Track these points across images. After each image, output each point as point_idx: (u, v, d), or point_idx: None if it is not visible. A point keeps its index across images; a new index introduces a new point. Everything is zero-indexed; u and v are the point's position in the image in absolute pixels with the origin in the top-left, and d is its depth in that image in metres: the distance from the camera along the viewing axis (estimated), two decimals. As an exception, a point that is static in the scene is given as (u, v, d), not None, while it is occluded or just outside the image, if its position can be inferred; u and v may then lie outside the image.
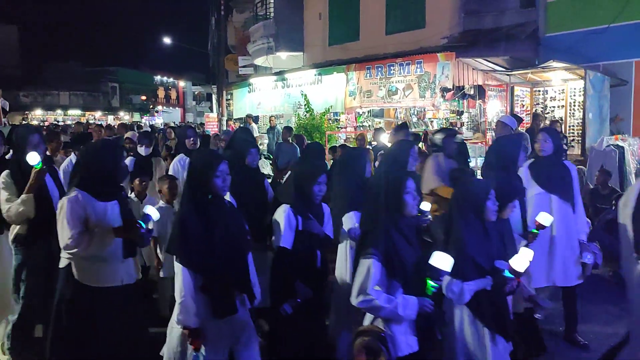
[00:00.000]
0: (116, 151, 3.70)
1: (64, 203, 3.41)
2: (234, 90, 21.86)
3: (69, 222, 3.35)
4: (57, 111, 46.99)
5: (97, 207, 3.47)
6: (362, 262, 3.01)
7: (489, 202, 3.27)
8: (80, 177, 3.54)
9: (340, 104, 14.97)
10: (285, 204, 3.83)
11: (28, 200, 3.92)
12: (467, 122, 13.28)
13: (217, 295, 3.12)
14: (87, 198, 3.44)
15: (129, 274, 3.69)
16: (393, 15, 15.15)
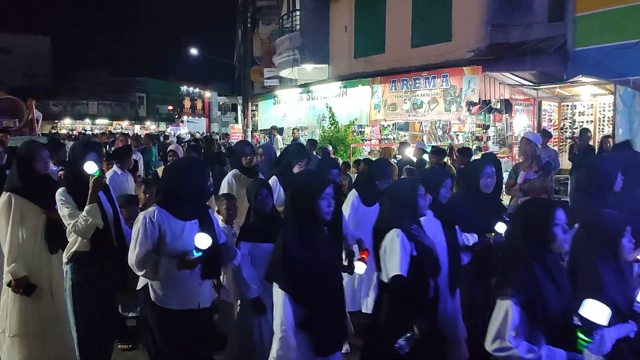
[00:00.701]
0: (203, 169, 3.59)
1: (140, 219, 3.34)
2: (259, 102, 22.01)
3: (140, 239, 3.27)
4: (85, 120, 47.87)
5: (174, 226, 3.34)
6: (500, 303, 2.61)
7: (625, 239, 2.83)
8: (163, 194, 3.47)
9: (365, 116, 14.96)
10: (395, 228, 3.40)
11: (93, 210, 3.80)
12: (494, 136, 13.15)
13: (320, 330, 2.92)
14: (165, 216, 3.33)
15: (206, 296, 3.58)
16: (419, 28, 15.12)
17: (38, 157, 4.18)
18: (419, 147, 10.44)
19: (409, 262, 3.32)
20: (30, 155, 4.18)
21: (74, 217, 3.80)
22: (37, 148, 4.28)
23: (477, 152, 12.33)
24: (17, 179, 4.15)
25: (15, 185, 4.12)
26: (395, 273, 3.26)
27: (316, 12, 18.40)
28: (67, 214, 3.82)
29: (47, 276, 4.16)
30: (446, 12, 14.23)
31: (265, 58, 25.74)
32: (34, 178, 4.15)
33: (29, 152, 4.22)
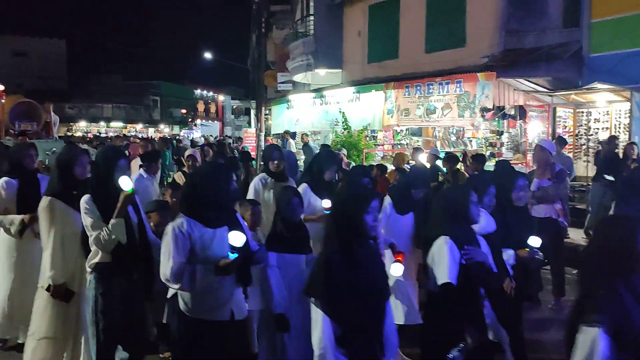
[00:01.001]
0: (228, 174, 3.50)
1: (169, 231, 3.24)
2: (273, 106, 22.08)
3: (172, 252, 3.17)
4: (100, 123, 48.32)
5: (204, 234, 3.25)
6: (585, 330, 2.27)
7: None
8: (188, 202, 3.37)
9: (378, 121, 14.96)
10: (443, 236, 3.27)
11: (119, 226, 3.69)
12: (507, 142, 13.08)
13: (359, 349, 2.82)
14: (194, 225, 3.24)
15: (240, 307, 3.45)
16: (433, 33, 15.08)
17: (78, 162, 4.19)
18: (432, 154, 10.41)
19: (458, 270, 3.20)
20: (71, 160, 4.19)
21: (96, 229, 3.71)
22: (78, 153, 4.31)
23: (491, 158, 12.29)
24: (57, 184, 4.15)
25: (56, 190, 4.13)
26: (444, 281, 3.16)
27: (330, 17, 18.43)
28: (90, 224, 3.74)
29: (78, 281, 4.16)
30: (460, 17, 14.18)
31: (278, 62, 25.80)
32: (74, 183, 4.15)
33: (69, 157, 4.24)
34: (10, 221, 4.61)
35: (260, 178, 5.89)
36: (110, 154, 4.16)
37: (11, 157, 4.96)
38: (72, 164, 4.17)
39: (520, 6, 13.03)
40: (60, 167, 4.22)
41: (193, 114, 52.68)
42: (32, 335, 4.17)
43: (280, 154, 5.99)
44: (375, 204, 2.90)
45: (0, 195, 4.71)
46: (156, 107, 52.93)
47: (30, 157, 4.92)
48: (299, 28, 20.74)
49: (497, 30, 13.21)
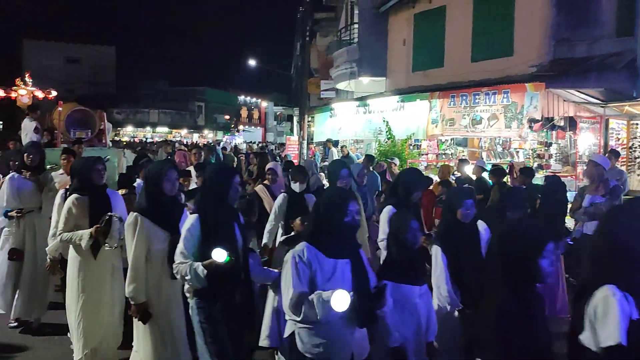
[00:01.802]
0: (355, 200, 3.22)
1: (289, 258, 3.08)
2: (316, 114, 22.15)
3: (292, 281, 3.00)
4: (146, 128, 49.43)
5: (325, 265, 3.04)
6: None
7: None
8: (312, 228, 3.19)
9: (422, 131, 14.80)
10: (608, 284, 2.52)
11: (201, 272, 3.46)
12: (556, 153, 12.73)
13: None
14: (315, 254, 3.05)
15: (362, 348, 3.23)
16: (479, 42, 14.83)
17: (166, 178, 4.07)
18: (479, 165, 10.22)
19: (629, 328, 2.50)
20: (159, 176, 4.08)
21: (182, 259, 3.54)
22: (166, 168, 4.15)
23: (539, 170, 12.01)
24: (145, 200, 4.08)
25: (143, 206, 4.06)
26: (612, 343, 2.47)
27: (374, 25, 18.37)
28: (180, 250, 3.57)
29: (165, 301, 4.04)
30: (508, 26, 13.90)
31: (322, 70, 25.90)
32: (161, 199, 4.07)
33: (157, 172, 4.12)
34: (80, 236, 4.56)
35: None
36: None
37: (78, 172, 4.86)
38: (160, 179, 4.06)
39: (571, 14, 12.69)
40: (148, 183, 4.16)
41: (236, 120, 53.36)
42: (137, 352, 4.15)
43: (348, 172, 5.71)
44: (550, 247, 2.52)
45: (70, 212, 4.65)
46: (201, 112, 53.82)
47: (97, 172, 4.81)
48: (343, 36, 20.75)
49: (546, 39, 12.88)
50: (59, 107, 10.70)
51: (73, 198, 4.68)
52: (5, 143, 17.20)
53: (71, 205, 4.65)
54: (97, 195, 4.77)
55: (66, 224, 4.63)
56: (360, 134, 17.90)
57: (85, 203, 4.68)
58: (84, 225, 4.61)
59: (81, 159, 5.40)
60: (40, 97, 24.85)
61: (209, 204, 3.65)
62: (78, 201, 4.67)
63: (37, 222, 6.04)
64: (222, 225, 3.60)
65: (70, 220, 4.63)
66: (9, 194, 5.90)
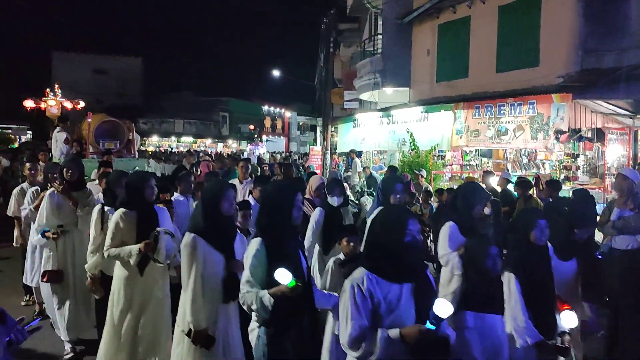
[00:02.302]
0: (415, 219, 2.93)
1: (347, 288, 2.81)
2: (339, 125, 22.15)
3: (351, 314, 2.73)
4: (171, 138, 49.99)
5: (389, 292, 2.76)
6: None
7: None
8: (368, 252, 2.94)
9: (447, 142, 14.68)
10: None
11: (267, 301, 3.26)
12: (584, 165, 12.53)
13: None
14: (377, 281, 2.76)
15: None
16: (504, 52, 14.70)
17: (224, 197, 3.88)
18: (504, 177, 10.11)
19: None
20: (217, 195, 3.89)
21: (249, 287, 3.33)
22: (224, 187, 3.98)
23: (566, 182, 11.82)
24: (202, 220, 3.86)
25: (200, 227, 3.84)
26: None
27: (398, 36, 18.35)
28: (247, 278, 3.36)
29: (223, 327, 3.88)
30: (533, 36, 13.75)
31: (345, 80, 25.95)
32: (219, 220, 3.88)
33: (216, 191, 3.93)
34: (128, 252, 4.44)
35: None
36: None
37: (130, 187, 4.72)
38: (218, 198, 3.87)
39: (598, 24, 12.49)
40: (205, 202, 3.94)
41: (259, 130, 53.70)
42: None
43: (402, 187, 5.40)
44: None
45: (118, 227, 4.54)
46: (225, 122, 54.33)
47: (151, 188, 4.69)
48: (367, 46, 20.76)
49: (573, 49, 12.70)
50: (89, 118, 10.79)
51: (121, 213, 4.58)
52: (35, 153, 17.56)
53: (119, 220, 4.55)
54: (145, 210, 4.66)
55: (113, 239, 4.54)
56: (384, 145, 17.84)
57: (133, 218, 4.57)
58: (131, 241, 4.50)
59: (134, 173, 5.28)
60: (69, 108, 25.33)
61: (272, 225, 3.41)
62: (126, 216, 4.57)
63: (76, 239, 5.90)
64: (288, 249, 3.38)
65: (117, 236, 4.53)
66: (49, 210, 5.74)
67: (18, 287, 7.61)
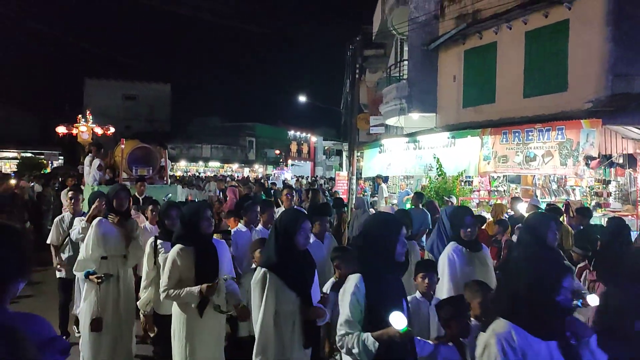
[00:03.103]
0: (570, 273, 2.62)
1: (492, 342, 2.47)
2: (365, 150, 22.16)
3: None
4: (199, 162, 50.59)
5: (538, 351, 2.44)
6: None
7: None
8: (510, 302, 2.57)
9: (474, 168, 14.56)
10: None
11: None
12: (615, 191, 12.27)
13: None
14: (524, 337, 2.45)
15: None
16: (532, 77, 14.61)
17: (301, 230, 3.66)
18: (533, 204, 9.96)
19: None
20: (294, 228, 3.67)
21: (348, 329, 3.04)
22: (302, 220, 3.74)
23: (597, 208, 11.58)
24: (275, 254, 3.64)
25: (272, 261, 3.63)
26: None
27: (424, 62, 18.40)
28: (346, 319, 3.07)
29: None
30: (561, 60, 13.64)
31: (371, 105, 26.04)
32: (293, 254, 3.66)
33: (292, 223, 3.71)
34: (189, 294, 4.16)
35: (454, 250, 5.03)
36: (391, 225, 3.28)
37: (185, 220, 4.44)
38: (294, 231, 3.65)
39: (628, 48, 12.34)
40: (279, 235, 3.71)
41: (285, 155, 54.06)
42: None
43: (474, 221, 5.11)
44: None
45: (175, 264, 4.27)
46: (251, 147, 54.86)
47: (208, 220, 4.39)
48: (393, 72, 20.85)
49: (602, 73, 12.54)
50: (122, 144, 10.76)
51: (177, 249, 4.31)
52: (63, 180, 17.90)
53: (176, 257, 4.28)
54: (203, 245, 4.36)
55: (171, 278, 4.26)
56: (410, 170, 17.76)
57: (191, 254, 4.29)
58: (189, 279, 4.24)
59: (189, 205, 4.98)
60: (99, 134, 25.92)
61: (375, 262, 3.12)
62: (183, 252, 4.29)
63: (122, 271, 5.65)
64: (390, 288, 3.12)
65: (174, 274, 4.26)
66: (94, 240, 5.47)
67: (48, 312, 7.69)
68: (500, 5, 14.98)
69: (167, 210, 5.30)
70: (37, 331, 1.97)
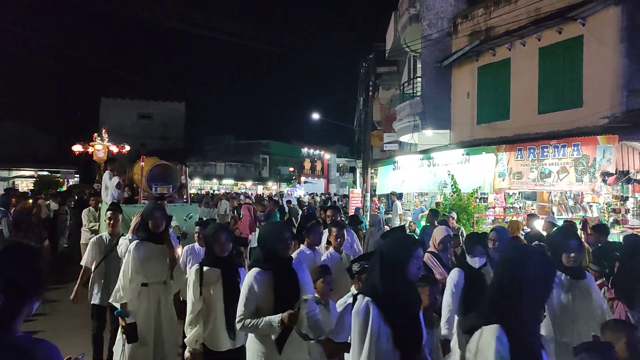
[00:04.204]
0: None
1: None
2: (379, 167, 22.16)
3: None
4: (213, 180, 50.75)
5: None
6: None
7: None
8: None
9: (489, 185, 14.47)
10: None
11: None
12: (633, 208, 12.11)
13: None
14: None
15: None
16: (546, 94, 14.57)
17: (412, 259, 3.22)
18: (549, 221, 9.87)
19: None
20: (406, 256, 3.23)
21: None
22: (415, 247, 3.30)
23: (615, 225, 11.45)
24: (380, 283, 3.20)
25: (377, 291, 3.19)
26: None
27: (437, 79, 18.44)
28: None
29: None
30: (576, 76, 13.61)
31: (384, 122, 26.09)
32: (402, 285, 3.22)
33: (404, 251, 3.26)
34: (268, 324, 3.74)
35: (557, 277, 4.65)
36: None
37: (263, 242, 4.09)
38: (407, 260, 3.22)
39: (643, 64, 12.31)
40: (385, 262, 3.27)
41: (298, 172, 54.16)
42: None
43: (580, 243, 4.67)
44: None
45: (252, 291, 3.87)
46: (265, 165, 54.98)
47: (284, 242, 3.99)
48: (406, 89, 20.90)
49: (617, 89, 12.48)
50: (142, 161, 10.36)
51: (255, 273, 3.92)
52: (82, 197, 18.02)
53: (252, 283, 3.87)
54: (283, 270, 3.96)
55: (247, 306, 3.84)
56: (424, 187, 17.69)
57: (270, 280, 3.89)
58: (267, 308, 3.85)
59: (265, 226, 4.69)
60: (115, 152, 26.17)
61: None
62: (261, 277, 3.89)
63: (164, 299, 5.17)
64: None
65: (252, 301, 3.84)
66: (133, 265, 5.03)
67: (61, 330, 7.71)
68: (514, 22, 15.01)
69: (216, 233, 4.58)
70: (47, 356, 1.97)
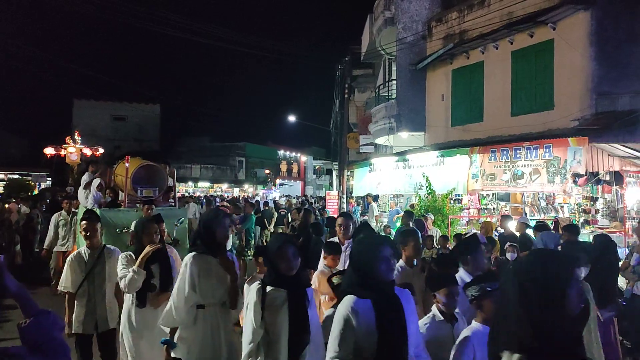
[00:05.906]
0: None
1: None
2: (355, 169, 22.26)
3: None
4: (188, 183, 50.42)
5: None
6: None
7: None
8: None
9: (463, 186, 14.64)
10: None
11: None
12: (603, 208, 12.40)
13: None
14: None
15: None
16: (519, 96, 14.82)
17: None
18: (522, 222, 10.04)
19: None
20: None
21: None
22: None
23: (585, 225, 11.69)
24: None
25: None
26: None
27: (412, 81, 18.60)
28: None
29: None
30: (547, 79, 13.87)
31: (360, 125, 26.21)
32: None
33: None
34: None
35: None
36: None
37: (359, 264, 3.23)
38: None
39: (611, 67, 12.57)
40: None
41: (274, 174, 54.09)
42: None
43: None
44: None
45: (349, 324, 3.07)
46: (241, 167, 54.84)
47: (387, 262, 3.14)
48: (382, 92, 21.03)
49: (587, 92, 12.76)
50: (126, 162, 9.52)
51: (351, 303, 3.07)
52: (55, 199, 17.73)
53: (349, 314, 3.02)
54: (385, 296, 3.11)
55: (343, 343, 3.01)
56: (400, 189, 17.81)
57: (369, 311, 3.02)
58: (370, 349, 3.10)
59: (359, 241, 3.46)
60: (88, 155, 25.79)
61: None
62: (360, 307, 3.07)
63: (223, 324, 4.23)
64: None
65: (349, 337, 3.01)
66: (190, 281, 4.10)
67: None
68: (487, 26, 15.24)
69: (281, 248, 3.62)
70: None
